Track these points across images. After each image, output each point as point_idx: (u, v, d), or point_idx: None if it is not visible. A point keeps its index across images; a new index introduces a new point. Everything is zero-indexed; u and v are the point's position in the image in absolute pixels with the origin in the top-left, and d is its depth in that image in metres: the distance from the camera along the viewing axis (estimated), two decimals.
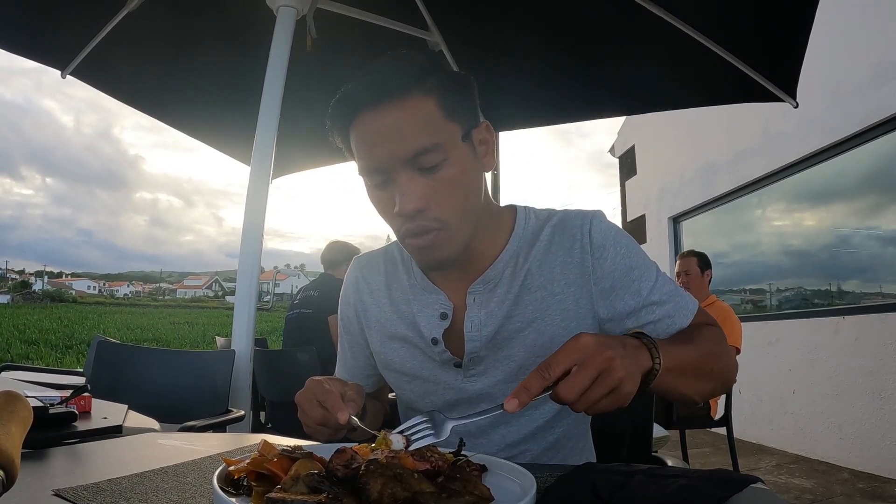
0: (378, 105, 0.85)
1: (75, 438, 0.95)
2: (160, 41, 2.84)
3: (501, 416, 0.84)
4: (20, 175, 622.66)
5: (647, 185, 8.02)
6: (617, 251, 0.95)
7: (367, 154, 0.87)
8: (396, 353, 1.03)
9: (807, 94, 2.64)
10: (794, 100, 2.51)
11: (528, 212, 1.03)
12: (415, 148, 0.84)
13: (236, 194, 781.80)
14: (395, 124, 0.85)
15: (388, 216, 0.91)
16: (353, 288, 1.11)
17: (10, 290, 49.41)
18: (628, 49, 2.69)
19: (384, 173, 0.86)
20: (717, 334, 0.94)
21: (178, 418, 1.63)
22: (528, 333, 0.94)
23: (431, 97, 0.86)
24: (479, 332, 0.95)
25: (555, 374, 0.67)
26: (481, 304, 0.96)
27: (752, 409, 5.18)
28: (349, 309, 1.11)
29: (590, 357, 0.67)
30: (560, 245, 0.96)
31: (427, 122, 0.85)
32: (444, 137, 0.86)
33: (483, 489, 0.55)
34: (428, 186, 0.86)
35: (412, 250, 0.93)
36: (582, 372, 0.67)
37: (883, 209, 4.44)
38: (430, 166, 0.85)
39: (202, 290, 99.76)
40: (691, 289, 3.60)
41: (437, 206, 0.86)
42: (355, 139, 0.89)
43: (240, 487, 0.57)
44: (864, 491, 3.55)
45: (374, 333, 1.07)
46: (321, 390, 0.81)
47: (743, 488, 0.64)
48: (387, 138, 0.85)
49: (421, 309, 1.00)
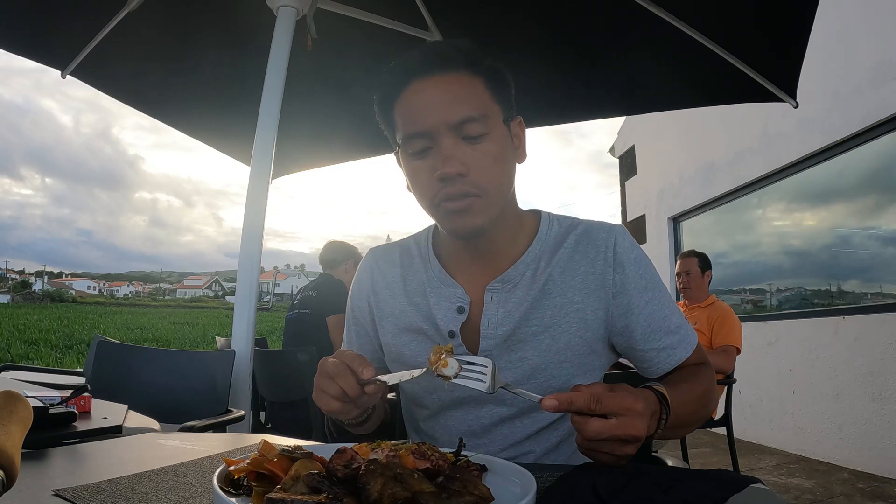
0: (431, 74, 0.90)
1: (75, 438, 0.95)
2: (160, 41, 2.84)
3: (527, 407, 0.97)
4: (20, 175, 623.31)
5: (647, 185, 8.02)
6: (637, 270, 0.97)
7: (415, 119, 0.90)
8: (408, 346, 1.03)
9: (806, 95, 2.64)
10: (793, 100, 2.52)
11: (552, 218, 1.04)
12: (462, 115, 0.88)
13: (235, 194, 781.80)
14: (446, 92, 0.90)
15: (424, 185, 0.92)
16: (367, 278, 1.10)
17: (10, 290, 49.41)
18: (628, 49, 2.68)
19: (428, 138, 0.89)
20: (711, 376, 1.00)
21: (178, 418, 1.63)
22: (544, 338, 0.95)
23: (479, 77, 0.92)
24: (494, 329, 0.96)
25: (600, 409, 0.70)
26: (499, 302, 0.97)
27: (752, 409, 5.18)
28: (361, 299, 1.10)
29: (631, 423, 0.70)
30: (584, 255, 0.98)
31: (475, 96, 0.91)
32: (488, 113, 0.91)
33: (483, 489, 0.55)
34: (470, 154, 0.89)
35: (446, 214, 0.92)
36: (615, 428, 0.70)
37: (883, 209, 4.44)
38: (474, 135, 0.89)
39: (202, 290, 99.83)
40: (691, 289, 3.60)
41: (477, 173, 0.89)
42: (403, 106, 0.92)
43: (240, 487, 0.57)
44: (864, 491, 3.55)
45: (387, 325, 1.06)
46: (333, 364, 0.78)
47: (743, 488, 0.64)
48: (437, 104, 0.89)
49: (438, 301, 1.00)
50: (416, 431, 1.09)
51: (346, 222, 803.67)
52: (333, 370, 0.78)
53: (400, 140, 0.94)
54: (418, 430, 1.09)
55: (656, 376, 1.00)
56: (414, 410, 1.09)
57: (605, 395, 0.71)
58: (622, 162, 9.09)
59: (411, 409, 1.11)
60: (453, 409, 1.01)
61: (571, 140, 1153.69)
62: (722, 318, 3.42)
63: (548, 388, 0.96)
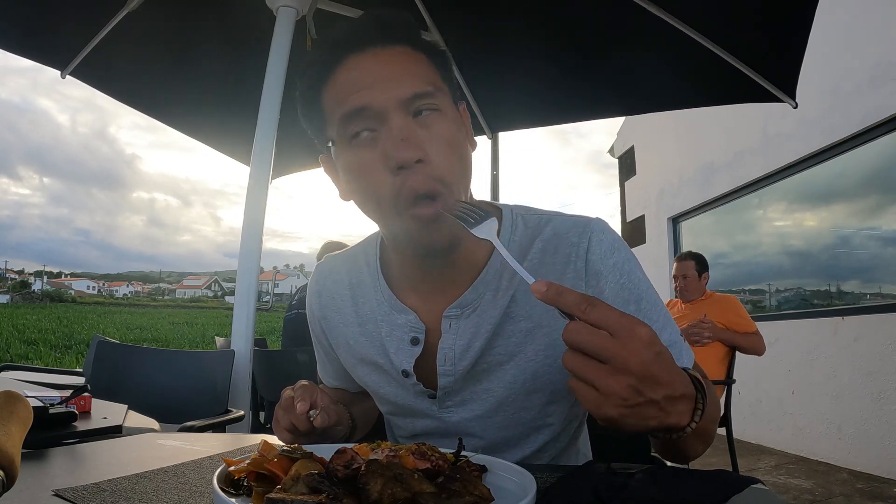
0: (369, 49, 0.75)
1: (75, 438, 0.95)
2: (160, 41, 2.85)
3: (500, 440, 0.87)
4: (17, 175, 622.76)
5: (647, 185, 8.02)
6: (617, 279, 0.81)
7: (354, 97, 0.73)
8: (369, 376, 0.93)
9: (806, 95, 2.64)
10: (793, 100, 2.52)
11: (516, 217, 0.87)
12: (414, 89, 0.73)
13: (234, 194, 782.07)
14: (392, 65, 0.75)
15: (376, 183, 0.74)
16: (316, 301, 0.99)
17: (10, 290, 49.37)
18: (628, 49, 2.69)
19: (375, 120, 0.73)
20: (716, 394, 0.85)
21: (178, 418, 1.63)
22: (509, 368, 0.83)
23: (422, 53, 0.78)
24: (453, 366, 0.84)
25: (591, 314, 0.55)
26: (457, 332, 0.83)
27: (752, 409, 5.18)
28: (315, 323, 1.01)
29: (628, 346, 0.54)
30: (551, 267, 0.82)
31: (423, 71, 0.77)
32: (439, 90, 0.77)
33: (483, 489, 0.55)
34: (425, 137, 0.73)
35: (419, 226, 0.74)
36: (603, 341, 0.54)
37: (883, 210, 4.44)
38: (427, 111, 0.74)
39: (201, 290, 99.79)
40: (689, 292, 3.60)
41: (437, 160, 0.73)
42: (335, 87, 0.76)
43: (240, 488, 0.57)
44: (864, 491, 3.55)
45: (344, 353, 0.97)
46: (285, 398, 0.80)
47: (743, 489, 0.64)
48: (382, 77, 0.73)
49: (390, 332, 0.87)
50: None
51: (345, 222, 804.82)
52: (285, 403, 0.79)
53: (334, 129, 0.77)
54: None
55: None
56: (394, 430, 1.02)
57: (603, 303, 0.56)
58: (621, 162, 9.09)
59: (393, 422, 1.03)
60: (428, 437, 0.92)
61: (570, 140, 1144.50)
62: (724, 305, 3.44)
63: (518, 421, 0.86)
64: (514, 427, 0.87)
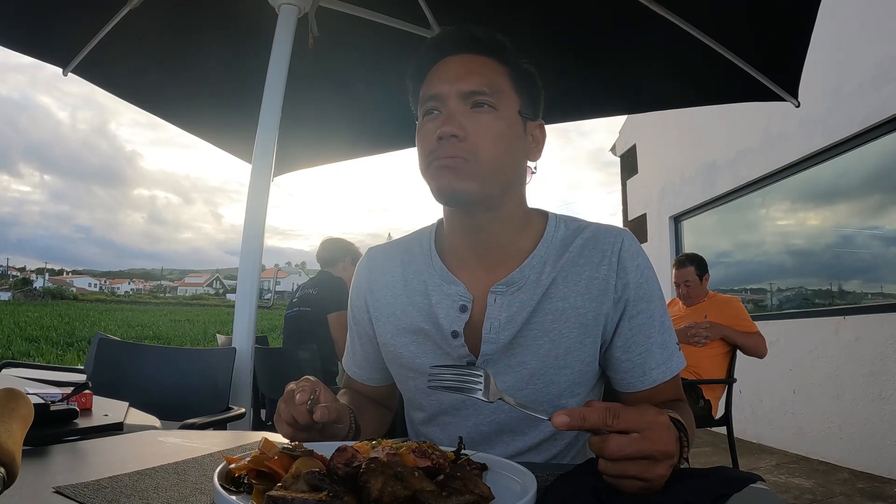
0: (461, 53, 0.96)
1: (76, 436, 0.95)
2: (162, 39, 2.84)
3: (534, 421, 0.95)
4: (18, 172, 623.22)
5: (649, 184, 8.01)
6: (637, 279, 0.96)
7: (433, 85, 0.94)
8: (407, 347, 1.01)
9: (808, 94, 2.64)
10: (795, 99, 2.51)
11: (559, 219, 1.03)
12: (474, 86, 0.92)
13: (234, 191, 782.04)
14: (466, 67, 0.94)
15: (423, 144, 0.94)
16: (365, 278, 1.08)
17: (11, 288, 49.47)
18: (630, 48, 2.68)
19: (439, 101, 0.93)
20: (691, 414, 0.92)
21: (179, 416, 1.64)
22: (544, 343, 0.94)
23: (504, 67, 0.97)
24: (497, 334, 0.94)
25: (618, 425, 0.62)
26: (502, 306, 0.95)
27: (753, 408, 5.18)
28: (359, 300, 1.09)
29: (658, 437, 0.62)
30: (589, 260, 0.97)
31: (494, 78, 0.94)
32: (503, 96, 0.94)
33: (483, 488, 0.55)
34: (472, 121, 0.91)
35: (434, 171, 0.92)
36: (640, 443, 0.61)
37: (886, 209, 4.43)
38: (480, 104, 0.92)
39: (203, 287, 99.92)
40: (692, 297, 3.59)
41: (474, 140, 0.90)
42: (429, 79, 0.96)
43: (241, 485, 0.57)
44: (864, 491, 3.55)
45: (385, 325, 1.04)
46: (288, 391, 0.84)
47: (744, 487, 0.64)
48: (455, 75, 0.93)
49: (440, 300, 0.98)
50: (416, 435, 1.09)
51: (346, 220, 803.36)
52: (287, 396, 0.83)
53: (419, 108, 0.98)
54: (418, 434, 1.08)
55: (625, 391, 0.98)
56: (412, 413, 1.09)
57: (622, 408, 0.64)
58: (623, 161, 9.08)
59: (410, 412, 1.10)
60: (451, 414, 1.00)
61: (571, 138, 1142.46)
62: (724, 305, 3.44)
63: (546, 395, 0.96)
64: (540, 403, 0.96)
